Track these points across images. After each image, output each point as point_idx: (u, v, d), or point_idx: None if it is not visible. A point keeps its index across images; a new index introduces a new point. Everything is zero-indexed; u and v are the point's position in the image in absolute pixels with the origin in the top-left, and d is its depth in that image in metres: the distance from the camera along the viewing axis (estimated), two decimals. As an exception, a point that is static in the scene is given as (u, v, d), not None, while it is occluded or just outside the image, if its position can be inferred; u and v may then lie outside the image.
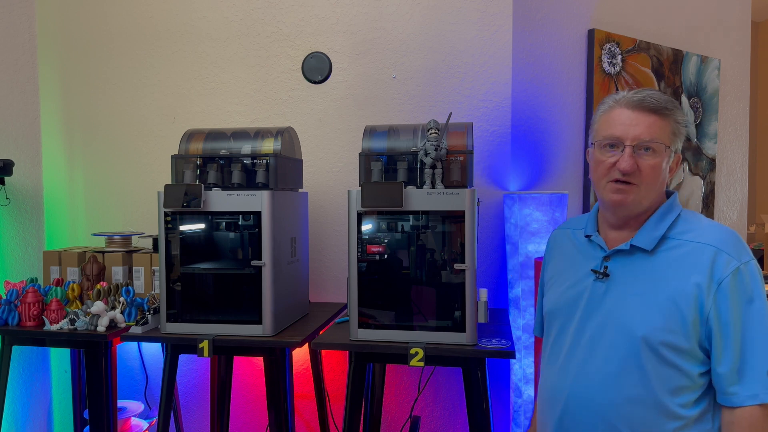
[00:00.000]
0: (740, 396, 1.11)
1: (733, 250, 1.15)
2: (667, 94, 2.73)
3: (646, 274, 1.20)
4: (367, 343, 1.82)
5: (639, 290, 1.19)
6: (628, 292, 1.21)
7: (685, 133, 1.24)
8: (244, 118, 2.60)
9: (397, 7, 2.47)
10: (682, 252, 1.18)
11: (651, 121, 1.18)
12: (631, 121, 1.19)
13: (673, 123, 1.20)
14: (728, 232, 1.19)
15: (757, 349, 1.11)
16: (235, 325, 1.94)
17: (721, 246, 1.15)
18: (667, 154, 1.20)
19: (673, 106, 1.21)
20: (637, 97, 1.20)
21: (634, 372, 1.16)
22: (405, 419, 2.50)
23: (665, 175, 1.22)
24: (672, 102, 1.21)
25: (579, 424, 1.23)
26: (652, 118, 1.18)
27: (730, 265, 1.13)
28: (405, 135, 1.98)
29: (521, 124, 2.49)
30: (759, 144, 4.94)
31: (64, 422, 2.76)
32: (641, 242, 1.21)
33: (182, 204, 1.91)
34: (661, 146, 1.18)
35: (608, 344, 1.20)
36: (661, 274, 1.18)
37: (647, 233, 1.21)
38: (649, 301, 1.17)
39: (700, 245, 1.17)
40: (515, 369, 2.35)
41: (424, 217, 1.81)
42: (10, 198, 2.56)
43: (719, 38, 3.37)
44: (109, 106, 2.72)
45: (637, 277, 1.21)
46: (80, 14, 2.73)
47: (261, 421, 2.61)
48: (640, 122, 1.18)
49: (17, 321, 2.11)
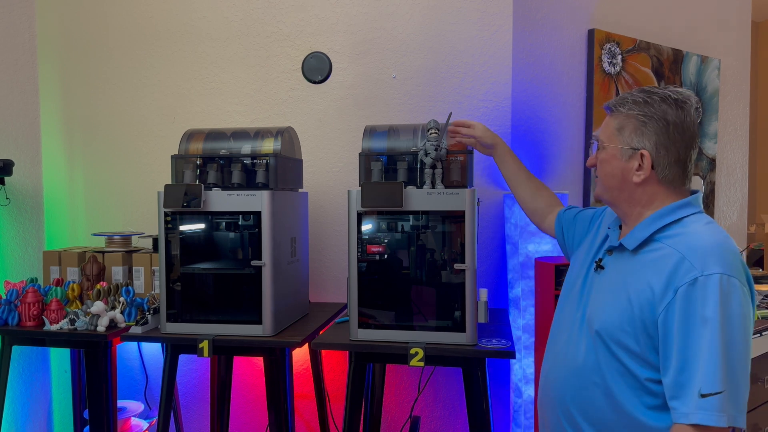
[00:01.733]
0: (677, 412, 1.07)
1: (698, 259, 1.09)
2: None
3: (623, 272, 1.22)
4: (367, 343, 1.82)
5: (612, 286, 1.23)
6: (605, 286, 1.25)
7: (639, 127, 1.19)
8: (244, 118, 2.60)
9: (397, 7, 2.47)
10: (657, 255, 1.17)
11: (604, 120, 1.29)
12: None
13: (618, 119, 1.23)
14: (709, 241, 1.11)
15: (696, 369, 1.05)
16: (235, 325, 1.94)
17: (687, 254, 1.10)
18: (611, 151, 1.24)
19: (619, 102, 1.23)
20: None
21: (592, 364, 1.22)
22: (405, 419, 2.50)
23: (621, 172, 1.23)
24: (622, 99, 1.23)
25: (548, 406, 1.34)
26: (605, 117, 1.29)
27: (688, 275, 1.08)
28: (405, 135, 1.98)
29: (521, 124, 2.49)
30: (759, 144, 4.94)
31: (64, 422, 2.76)
32: (626, 241, 1.24)
33: (182, 204, 1.91)
34: (601, 143, 1.27)
35: (582, 334, 1.26)
36: (632, 273, 1.19)
37: (635, 234, 1.23)
38: (615, 297, 1.20)
39: (672, 251, 1.14)
40: (515, 369, 2.35)
41: (424, 217, 1.81)
42: (10, 198, 2.56)
43: (719, 38, 3.37)
44: (109, 106, 2.72)
45: (617, 274, 1.24)
46: (80, 14, 2.73)
47: (261, 421, 2.61)
48: (603, 123, 1.30)
49: (17, 321, 2.11)
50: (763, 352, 2.25)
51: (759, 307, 2.49)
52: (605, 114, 1.29)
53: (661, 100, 1.19)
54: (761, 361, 2.27)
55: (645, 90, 1.23)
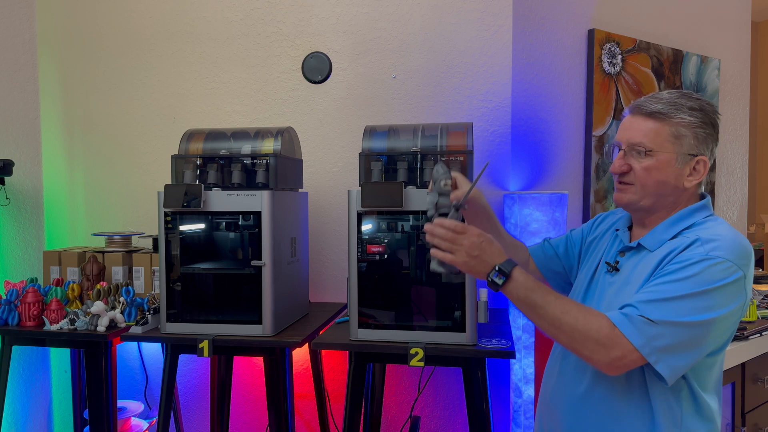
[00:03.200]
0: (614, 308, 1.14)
1: (712, 244, 1.12)
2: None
3: (641, 268, 1.22)
4: (367, 343, 1.82)
5: (630, 284, 1.22)
6: (621, 286, 1.24)
7: (699, 134, 1.19)
8: (244, 118, 2.60)
9: (397, 7, 2.47)
10: (673, 245, 1.18)
11: (645, 125, 1.21)
12: (628, 125, 1.25)
13: (674, 127, 1.19)
14: (728, 234, 1.14)
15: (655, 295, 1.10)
16: (235, 325, 1.94)
17: (702, 238, 1.14)
18: (665, 158, 1.19)
19: (674, 108, 1.19)
20: (640, 101, 1.24)
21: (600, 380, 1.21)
22: (405, 419, 2.50)
23: (673, 178, 1.20)
24: (676, 104, 1.19)
25: (550, 411, 1.34)
26: (646, 122, 1.21)
27: (696, 251, 1.12)
28: (405, 135, 1.98)
29: (521, 124, 2.49)
30: (759, 144, 4.94)
31: (64, 422, 2.76)
32: (647, 242, 1.23)
33: (182, 204, 1.91)
34: (651, 151, 1.20)
35: None
36: (650, 265, 1.20)
37: (656, 235, 1.23)
38: (630, 292, 1.20)
39: (687, 239, 1.16)
40: (515, 369, 2.35)
41: (424, 217, 1.81)
42: (10, 198, 2.56)
43: (719, 38, 3.37)
44: (110, 106, 2.72)
45: (633, 272, 1.23)
46: (80, 14, 2.73)
47: (261, 421, 2.61)
48: (633, 126, 1.23)
49: (17, 321, 2.11)
50: (762, 352, 2.25)
51: (759, 307, 2.49)
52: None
53: (712, 109, 1.21)
54: (761, 361, 2.27)
55: (688, 96, 1.21)
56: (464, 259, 1.19)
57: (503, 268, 1.17)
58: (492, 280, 1.17)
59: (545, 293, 1.16)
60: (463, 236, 1.19)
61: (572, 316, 1.12)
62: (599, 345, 1.09)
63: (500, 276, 1.17)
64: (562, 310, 1.13)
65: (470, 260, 1.19)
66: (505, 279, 1.17)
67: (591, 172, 2.78)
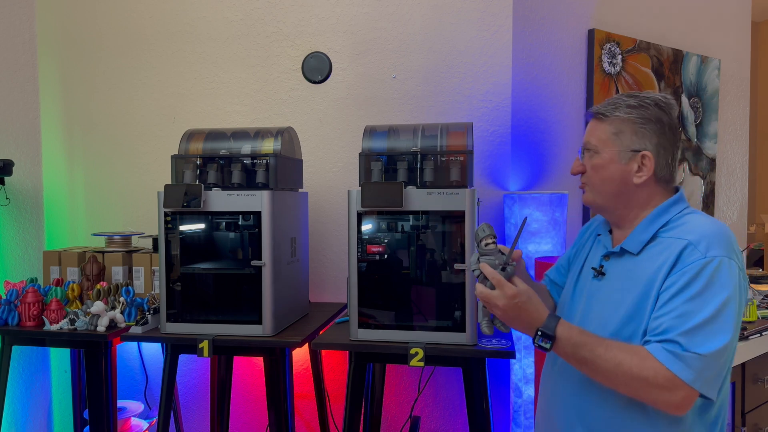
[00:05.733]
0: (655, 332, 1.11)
1: (702, 244, 1.12)
2: (668, 93, 2.73)
3: (627, 274, 1.22)
4: (367, 343, 1.82)
5: (617, 290, 1.22)
6: (608, 292, 1.24)
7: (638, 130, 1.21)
8: (244, 118, 2.60)
9: (397, 7, 2.47)
10: (660, 248, 1.18)
11: (592, 125, 1.29)
12: (587, 128, 1.31)
13: (613, 124, 1.23)
14: (711, 228, 1.16)
15: (693, 320, 1.08)
16: (235, 325, 1.94)
17: (692, 239, 1.14)
18: (608, 155, 1.23)
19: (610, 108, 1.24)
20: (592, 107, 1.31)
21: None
22: (405, 419, 2.50)
23: (618, 176, 1.23)
24: (612, 104, 1.24)
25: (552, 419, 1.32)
26: (593, 123, 1.29)
27: (693, 256, 1.12)
28: (405, 135, 1.98)
29: (521, 124, 2.49)
30: (759, 144, 4.94)
31: (64, 422, 2.76)
32: (629, 245, 1.24)
33: (182, 204, 1.91)
34: (594, 148, 1.25)
35: None
36: (637, 272, 1.20)
37: (636, 236, 1.23)
38: (621, 299, 1.19)
39: (675, 240, 1.16)
40: (515, 369, 2.35)
41: (424, 217, 1.81)
42: (10, 198, 2.56)
43: (719, 38, 3.37)
44: (109, 106, 2.72)
45: (622, 277, 1.23)
46: (80, 14, 2.73)
47: (261, 421, 2.61)
48: (588, 129, 1.30)
49: (17, 321, 2.11)
50: (763, 352, 2.25)
51: (759, 307, 2.49)
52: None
53: (654, 104, 1.22)
54: (761, 361, 2.27)
55: (633, 95, 1.25)
56: (504, 319, 1.21)
57: (546, 331, 1.15)
58: (539, 345, 1.16)
59: (593, 346, 1.13)
60: (497, 298, 1.18)
61: (626, 366, 1.09)
62: (660, 389, 1.07)
63: (546, 340, 1.15)
64: (615, 362, 1.10)
65: (509, 321, 1.20)
66: (551, 343, 1.15)
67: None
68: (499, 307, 1.18)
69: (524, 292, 1.18)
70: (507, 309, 1.18)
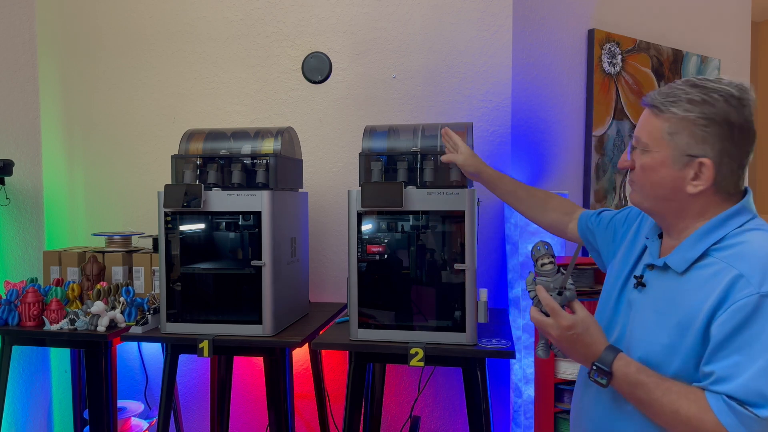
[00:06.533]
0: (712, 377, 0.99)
1: (757, 275, 0.96)
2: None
3: (670, 294, 1.08)
4: (367, 343, 1.82)
5: (657, 309, 1.10)
6: (648, 309, 1.12)
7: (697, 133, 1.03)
8: (244, 118, 2.60)
9: (397, 7, 2.47)
10: (708, 273, 1.03)
11: (645, 118, 1.11)
12: (640, 118, 1.14)
13: (668, 122, 1.05)
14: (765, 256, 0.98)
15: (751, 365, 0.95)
16: (235, 325, 1.94)
17: (744, 270, 0.98)
18: (660, 157, 1.06)
19: (672, 100, 1.05)
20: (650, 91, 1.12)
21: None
22: (405, 419, 2.50)
23: (669, 182, 1.06)
24: (671, 96, 1.05)
25: (580, 424, 1.25)
26: (647, 114, 1.10)
27: (744, 291, 0.96)
28: (405, 135, 1.98)
29: (521, 124, 2.49)
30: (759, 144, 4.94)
31: (64, 422, 2.76)
32: (673, 262, 1.09)
33: (182, 204, 1.91)
34: (645, 145, 1.09)
35: None
36: (681, 295, 1.06)
37: (683, 252, 1.08)
38: (660, 322, 1.08)
39: (725, 266, 1.01)
40: (515, 369, 2.35)
41: (424, 217, 1.81)
42: (10, 198, 2.56)
43: (719, 38, 3.37)
44: (109, 106, 2.72)
45: (662, 295, 1.10)
46: (80, 14, 2.73)
47: (261, 421, 2.61)
48: (641, 119, 1.12)
49: (17, 321, 2.11)
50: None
51: None
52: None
53: (723, 99, 1.02)
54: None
55: (699, 85, 1.04)
56: (558, 348, 1.14)
57: (602, 367, 1.07)
58: (594, 379, 1.09)
59: (651, 389, 1.03)
60: (551, 327, 1.10)
61: (683, 415, 1.00)
62: None
63: (602, 376, 1.07)
64: (672, 409, 1.00)
65: (564, 350, 1.13)
66: (608, 379, 1.07)
67: (591, 172, 2.78)
68: (553, 337, 1.11)
69: (581, 322, 1.08)
70: (561, 339, 1.10)
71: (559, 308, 1.09)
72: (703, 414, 0.98)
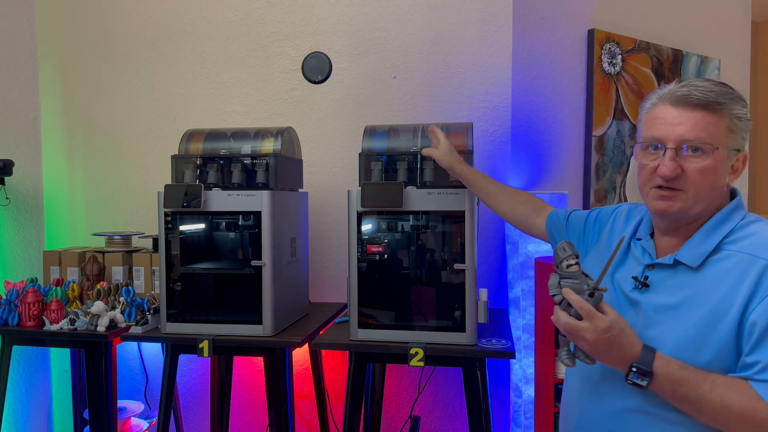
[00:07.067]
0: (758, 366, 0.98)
1: None
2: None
3: (687, 289, 1.07)
4: (367, 343, 1.82)
5: (676, 305, 1.07)
6: (663, 307, 1.09)
7: (747, 126, 1.07)
8: (244, 118, 2.60)
9: (397, 7, 2.47)
10: (728, 265, 1.04)
11: (698, 118, 1.04)
12: (674, 119, 1.06)
13: (729, 118, 1.05)
14: None
15: None
16: (235, 325, 1.94)
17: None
18: (721, 155, 1.05)
19: (727, 98, 1.05)
20: (682, 91, 1.06)
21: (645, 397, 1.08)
22: (405, 419, 2.50)
23: (723, 178, 1.07)
24: (726, 93, 1.06)
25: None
26: (699, 115, 1.04)
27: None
28: (405, 135, 1.98)
29: (521, 124, 2.49)
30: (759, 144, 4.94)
31: (64, 422, 2.76)
32: (686, 258, 1.08)
33: (182, 204, 1.91)
34: (710, 146, 1.04)
35: None
36: (703, 290, 1.05)
37: (695, 247, 1.08)
38: (685, 318, 1.05)
39: (746, 257, 1.02)
40: (515, 369, 2.35)
41: (424, 217, 1.81)
42: (10, 198, 2.56)
43: (719, 38, 3.37)
44: (109, 106, 2.72)
45: (677, 291, 1.08)
46: (80, 14, 2.73)
47: (261, 421, 2.61)
48: (684, 120, 1.05)
49: (17, 321, 2.11)
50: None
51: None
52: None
53: (740, 96, 1.08)
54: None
55: (722, 83, 1.08)
56: (592, 353, 1.06)
57: (642, 367, 1.02)
58: (633, 382, 1.03)
59: (697, 384, 1.00)
60: (587, 331, 1.03)
61: (736, 408, 0.98)
62: None
63: (641, 377, 1.02)
64: (722, 403, 0.99)
65: (598, 355, 1.06)
66: (648, 380, 1.02)
67: (591, 172, 2.78)
68: (589, 341, 1.03)
69: (617, 322, 1.03)
70: (598, 343, 1.03)
71: (594, 311, 1.03)
72: (755, 403, 0.97)
